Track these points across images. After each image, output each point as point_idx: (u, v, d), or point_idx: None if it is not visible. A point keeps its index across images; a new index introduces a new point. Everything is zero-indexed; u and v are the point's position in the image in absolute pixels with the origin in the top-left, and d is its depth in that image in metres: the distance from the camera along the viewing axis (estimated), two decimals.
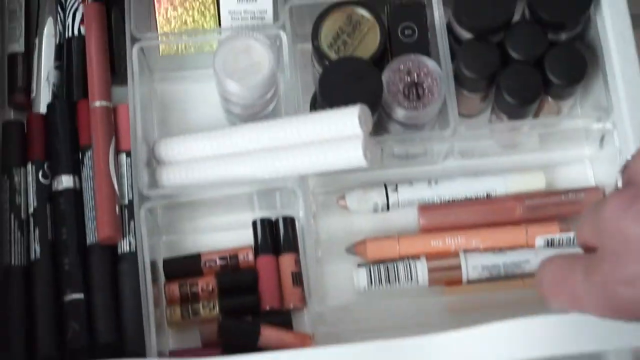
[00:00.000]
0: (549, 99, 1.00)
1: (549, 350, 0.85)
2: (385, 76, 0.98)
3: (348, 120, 0.92)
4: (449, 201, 1.02)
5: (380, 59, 1.00)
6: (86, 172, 1.01)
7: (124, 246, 0.99)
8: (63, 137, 1.01)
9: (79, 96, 1.04)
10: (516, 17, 1.00)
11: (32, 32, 1.08)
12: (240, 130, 0.97)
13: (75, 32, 1.06)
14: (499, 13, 0.98)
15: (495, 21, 0.98)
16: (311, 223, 0.98)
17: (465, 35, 0.99)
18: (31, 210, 1.00)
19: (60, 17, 1.07)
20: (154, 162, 1.01)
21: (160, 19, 1.05)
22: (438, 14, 1.01)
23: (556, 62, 0.98)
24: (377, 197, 1.02)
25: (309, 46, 1.02)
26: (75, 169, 1.01)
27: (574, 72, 0.98)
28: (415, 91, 0.98)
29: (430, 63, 0.98)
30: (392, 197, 1.02)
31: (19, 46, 1.07)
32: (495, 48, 0.98)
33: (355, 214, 1.03)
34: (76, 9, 1.07)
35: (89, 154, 1.01)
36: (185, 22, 1.05)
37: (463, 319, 0.87)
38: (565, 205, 1.02)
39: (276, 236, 1.01)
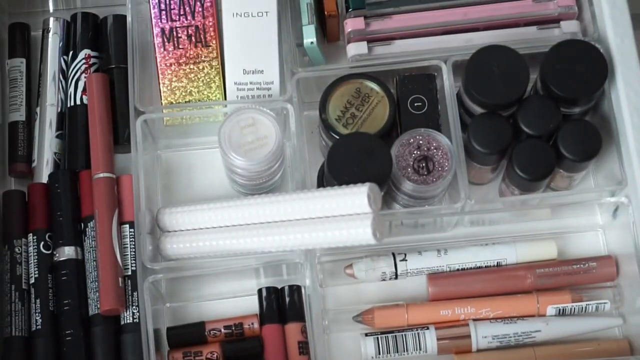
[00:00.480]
0: (561, 170, 1.00)
1: None
2: (395, 150, 0.98)
3: (357, 199, 0.91)
4: (458, 270, 1.02)
5: (390, 132, 1.00)
6: (88, 242, 1.01)
7: (127, 317, 0.99)
8: (65, 207, 1.02)
9: (81, 165, 1.05)
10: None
11: (34, 101, 1.09)
12: (247, 204, 0.97)
13: (77, 100, 1.07)
14: (511, 90, 0.98)
15: (506, 98, 0.98)
16: (318, 291, 0.99)
17: (476, 108, 0.98)
18: (32, 280, 1.00)
19: (62, 85, 1.07)
20: (157, 230, 1.01)
21: (164, 90, 1.05)
22: (448, 85, 1.01)
23: (570, 137, 0.98)
24: (385, 266, 1.02)
25: (315, 113, 1.02)
26: (77, 240, 1.01)
27: (588, 148, 0.98)
28: (425, 165, 0.96)
29: (440, 137, 0.98)
30: (401, 267, 1.02)
31: (20, 115, 1.07)
32: (507, 122, 0.99)
33: (362, 282, 1.03)
34: (78, 78, 1.07)
35: (91, 224, 1.01)
36: (190, 93, 1.04)
37: None
38: (577, 274, 1.02)
39: (282, 305, 1.01)
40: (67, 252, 1.00)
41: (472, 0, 1.04)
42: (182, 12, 1.04)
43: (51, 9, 1.12)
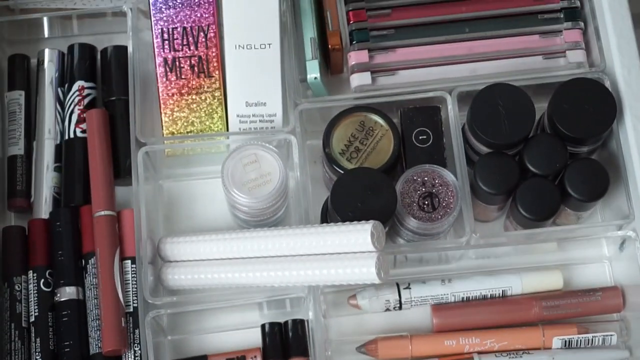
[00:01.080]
0: (567, 209, 1.00)
1: None
2: (399, 186, 0.96)
3: (360, 237, 0.91)
4: (463, 300, 1.01)
5: (394, 165, 1.00)
6: (89, 279, 1.01)
7: (129, 357, 0.99)
8: (66, 246, 1.01)
9: (78, 198, 1.04)
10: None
11: (32, 134, 1.08)
12: (249, 237, 0.96)
13: (72, 133, 1.06)
14: (516, 129, 0.97)
15: (511, 137, 0.97)
16: (321, 323, 0.98)
17: (481, 147, 0.98)
18: (32, 319, 1.00)
19: (59, 117, 1.07)
20: (159, 260, 1.01)
21: (166, 120, 1.04)
22: (453, 116, 1.01)
23: (577, 176, 0.97)
24: (389, 296, 1.01)
25: (318, 142, 1.02)
26: (79, 279, 1.01)
27: (596, 189, 0.97)
28: (430, 202, 0.95)
29: (445, 174, 0.97)
30: (405, 295, 1.01)
31: (18, 148, 1.06)
32: (514, 163, 0.98)
33: (366, 312, 1.02)
34: (72, 110, 1.06)
35: (92, 261, 1.01)
36: (192, 123, 1.03)
37: None
38: (583, 304, 1.01)
39: (285, 339, 1.01)
40: (69, 292, 1.00)
41: (478, 35, 1.03)
42: (185, 42, 1.04)
43: (46, 34, 1.11)
